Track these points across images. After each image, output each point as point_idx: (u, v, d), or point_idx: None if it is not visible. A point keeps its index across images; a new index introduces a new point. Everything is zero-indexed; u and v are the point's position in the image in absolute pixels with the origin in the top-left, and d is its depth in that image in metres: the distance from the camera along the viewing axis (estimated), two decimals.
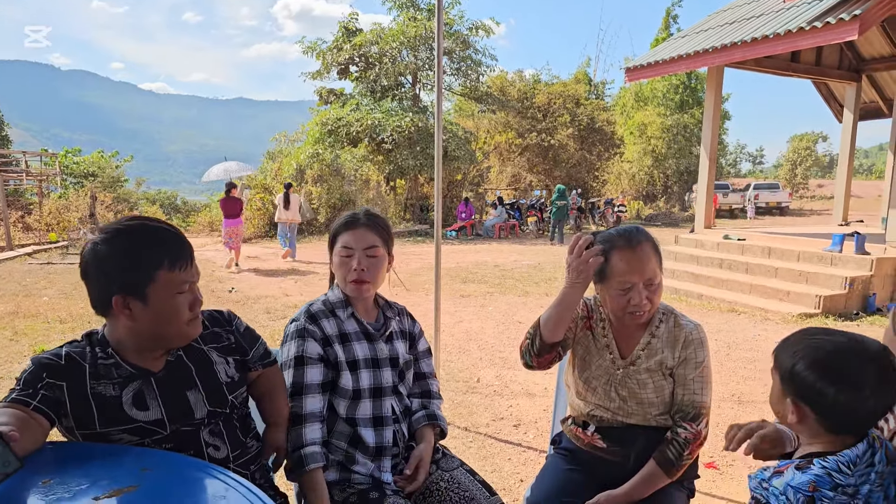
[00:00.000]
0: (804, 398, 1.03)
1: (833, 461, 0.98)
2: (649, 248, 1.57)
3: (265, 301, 7.26)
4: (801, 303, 6.70)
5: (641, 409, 1.63)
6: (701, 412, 1.59)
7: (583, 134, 24.77)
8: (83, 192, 17.61)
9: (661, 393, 1.62)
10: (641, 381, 1.63)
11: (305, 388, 1.55)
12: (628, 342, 1.68)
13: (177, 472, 1.16)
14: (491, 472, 2.91)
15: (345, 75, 20.06)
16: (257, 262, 11.28)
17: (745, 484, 2.82)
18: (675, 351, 1.62)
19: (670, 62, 9.44)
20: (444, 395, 4.02)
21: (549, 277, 9.30)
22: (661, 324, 1.66)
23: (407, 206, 19.85)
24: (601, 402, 1.68)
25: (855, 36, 6.89)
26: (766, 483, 1.00)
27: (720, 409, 3.81)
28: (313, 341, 1.60)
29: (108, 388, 1.25)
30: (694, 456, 1.60)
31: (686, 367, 1.61)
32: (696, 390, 1.60)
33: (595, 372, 1.69)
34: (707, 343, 1.65)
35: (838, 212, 11.47)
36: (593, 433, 1.70)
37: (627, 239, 1.58)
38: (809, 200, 35.86)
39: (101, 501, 1.01)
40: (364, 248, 1.64)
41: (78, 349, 1.28)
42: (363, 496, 1.52)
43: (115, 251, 1.22)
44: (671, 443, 1.57)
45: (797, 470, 0.99)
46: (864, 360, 0.97)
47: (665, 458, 1.56)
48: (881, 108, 12.01)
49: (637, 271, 1.55)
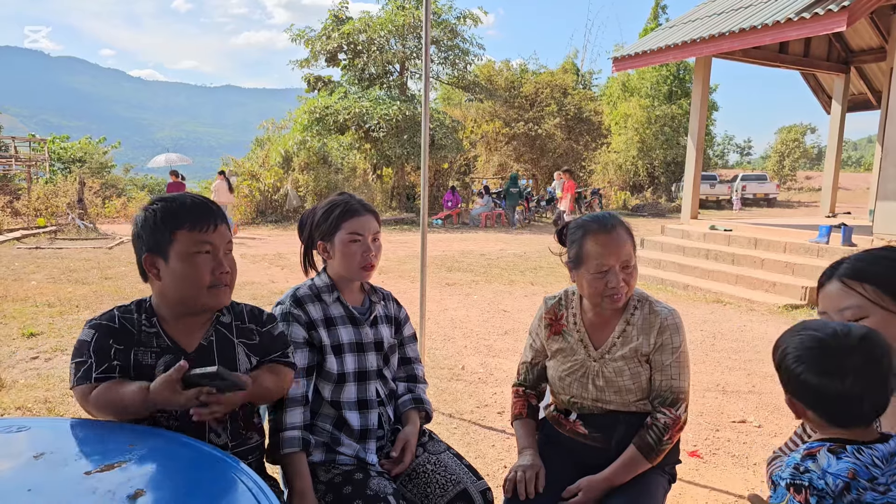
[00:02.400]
0: (795, 394, 1.05)
1: (868, 455, 0.98)
2: (623, 231, 1.60)
3: (252, 287, 7.22)
4: (787, 294, 6.78)
5: (619, 396, 1.65)
6: (679, 397, 1.61)
7: (570, 124, 24.78)
8: (71, 177, 17.43)
9: (638, 379, 1.63)
10: (617, 368, 1.64)
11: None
12: (602, 332, 1.69)
13: (166, 450, 1.17)
14: (475, 458, 2.93)
15: (333, 63, 19.88)
16: (244, 249, 11.20)
17: (727, 473, 2.86)
18: (650, 337, 1.63)
19: (658, 52, 9.43)
20: (429, 382, 4.02)
21: (535, 266, 9.33)
22: (636, 311, 1.66)
23: (393, 195, 19.79)
24: (579, 393, 1.70)
25: (843, 27, 6.90)
26: (802, 466, 0.98)
27: (704, 398, 3.85)
28: (298, 325, 1.61)
29: (147, 356, 1.33)
30: (674, 441, 1.61)
31: (662, 353, 1.62)
32: (674, 375, 1.61)
33: (571, 367, 1.70)
34: (683, 329, 1.66)
35: (826, 203, 11.57)
36: (575, 420, 1.72)
37: (601, 223, 1.60)
38: (797, 192, 36.22)
39: (92, 476, 1.02)
40: (372, 234, 1.67)
41: (127, 315, 1.37)
42: (348, 476, 1.53)
43: (146, 215, 1.36)
44: (651, 428, 1.59)
45: (830, 454, 0.98)
46: (845, 350, 0.98)
47: (645, 443, 1.58)
48: (870, 99, 12.07)
49: (613, 254, 1.56)
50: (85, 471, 1.04)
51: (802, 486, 0.97)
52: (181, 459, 1.15)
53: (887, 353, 0.99)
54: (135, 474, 1.04)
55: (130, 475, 1.04)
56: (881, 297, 1.07)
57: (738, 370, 4.44)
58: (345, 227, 1.65)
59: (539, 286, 7.67)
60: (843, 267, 1.14)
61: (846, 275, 1.12)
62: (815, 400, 1.02)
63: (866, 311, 1.09)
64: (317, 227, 1.70)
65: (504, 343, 5.04)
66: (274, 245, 11.97)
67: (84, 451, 1.14)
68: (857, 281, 1.10)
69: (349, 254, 1.65)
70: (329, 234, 1.67)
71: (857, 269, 1.12)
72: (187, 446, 1.20)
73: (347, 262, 1.66)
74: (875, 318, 1.08)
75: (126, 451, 1.12)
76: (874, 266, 1.11)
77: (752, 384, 4.12)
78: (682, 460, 1.78)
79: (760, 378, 4.21)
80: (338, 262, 1.68)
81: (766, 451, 3.06)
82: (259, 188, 16.98)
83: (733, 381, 4.18)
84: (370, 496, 1.46)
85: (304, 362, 1.59)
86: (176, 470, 1.11)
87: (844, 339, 0.99)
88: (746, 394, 3.94)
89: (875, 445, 0.99)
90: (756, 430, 3.39)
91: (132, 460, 1.09)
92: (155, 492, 1.00)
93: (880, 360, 0.98)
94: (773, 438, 3.25)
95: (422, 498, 1.61)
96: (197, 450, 1.19)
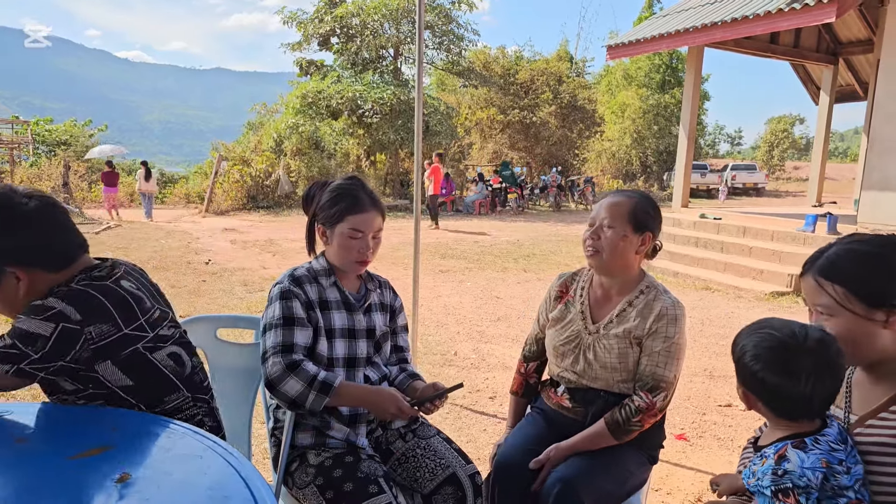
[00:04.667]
0: (748, 386, 1.11)
1: (825, 441, 1.03)
2: (627, 202, 1.68)
3: (242, 273, 7.19)
4: (773, 281, 6.85)
5: (605, 373, 1.69)
6: (660, 385, 1.62)
7: (564, 112, 24.70)
8: (56, 161, 17.16)
9: (625, 360, 1.66)
10: (608, 345, 1.68)
11: (295, 346, 1.55)
12: (603, 308, 1.75)
13: (149, 432, 1.16)
14: (466, 442, 2.95)
15: (325, 47, 19.65)
16: (235, 235, 11.14)
17: (713, 455, 2.91)
18: (646, 322, 1.66)
19: (651, 41, 9.42)
20: (421, 367, 4.06)
21: (528, 254, 9.35)
22: (642, 295, 1.70)
23: (387, 182, 19.69)
24: (569, 366, 1.75)
25: (833, 18, 6.97)
26: (780, 470, 1.02)
27: (692, 382, 3.90)
28: (298, 302, 1.59)
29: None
30: (645, 425, 1.63)
31: (654, 340, 1.64)
32: (660, 363, 1.63)
33: (567, 338, 1.76)
34: (682, 322, 1.67)
35: (812, 193, 11.70)
36: (562, 394, 1.77)
37: (619, 191, 1.78)
38: (785, 182, 36.43)
39: (75, 459, 1.02)
40: (373, 231, 1.66)
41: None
42: (339, 459, 1.54)
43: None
44: (623, 407, 1.63)
45: (797, 450, 1.03)
46: (801, 353, 1.03)
47: (613, 420, 1.63)
48: (857, 91, 12.20)
49: (603, 210, 1.70)
50: (68, 455, 1.03)
51: (788, 490, 1.00)
52: (165, 441, 1.15)
53: (839, 357, 1.04)
54: (120, 457, 1.04)
55: (115, 458, 1.04)
56: (849, 300, 1.07)
57: (724, 356, 4.49)
58: (348, 221, 1.63)
59: (532, 273, 7.70)
60: (820, 261, 1.13)
61: (820, 272, 1.11)
62: (768, 396, 1.08)
63: (834, 311, 1.09)
64: (321, 209, 1.68)
65: (497, 329, 5.07)
66: (265, 231, 11.91)
67: (67, 435, 1.13)
68: (828, 281, 1.10)
69: (346, 247, 1.64)
70: (331, 222, 1.65)
71: (831, 266, 1.10)
72: (170, 428, 1.20)
73: (343, 254, 1.65)
74: (841, 318, 1.08)
75: (109, 435, 1.11)
76: (848, 264, 1.09)
77: None
78: (670, 443, 1.81)
79: None
80: (334, 250, 1.67)
81: (750, 433, 3.10)
82: (250, 173, 16.83)
83: (720, 367, 4.23)
84: (361, 478, 1.47)
85: (306, 341, 1.58)
86: (160, 451, 1.11)
87: (802, 342, 1.04)
88: (732, 378, 3.95)
89: (825, 431, 1.06)
90: (741, 413, 3.44)
91: (116, 443, 1.08)
92: (140, 474, 1.00)
93: (832, 364, 1.04)
94: (757, 421, 3.28)
95: (411, 482, 1.62)
96: (181, 431, 1.19)
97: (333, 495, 1.46)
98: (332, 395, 1.50)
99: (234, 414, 1.85)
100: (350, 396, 1.55)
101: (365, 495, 1.44)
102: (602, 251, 1.66)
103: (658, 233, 1.72)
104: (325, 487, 1.49)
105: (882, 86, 7.35)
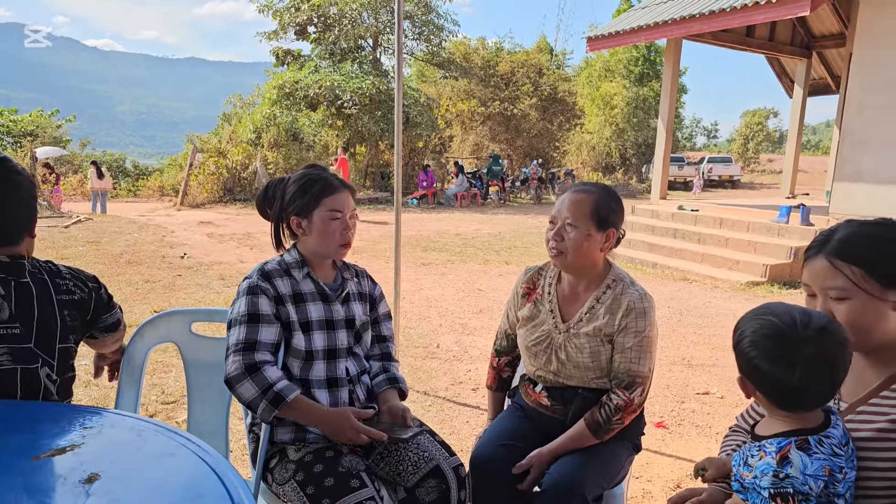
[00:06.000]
0: (745, 373, 1.06)
1: (828, 444, 1.00)
2: (588, 199, 1.64)
3: (219, 267, 7.06)
4: (749, 271, 6.97)
5: (579, 372, 1.68)
6: (636, 381, 1.61)
7: (544, 104, 24.76)
8: (22, 152, 16.62)
9: (598, 358, 1.65)
10: (579, 345, 1.66)
11: (258, 344, 1.52)
12: (572, 306, 1.72)
13: (119, 430, 1.12)
14: (449, 435, 2.94)
15: (302, 36, 19.36)
16: (211, 228, 10.95)
17: (692, 442, 2.94)
18: (615, 318, 1.63)
19: (631, 33, 9.49)
20: (404, 360, 4.04)
21: (510, 246, 9.36)
22: (609, 290, 1.67)
23: (367, 174, 19.54)
24: (543, 365, 1.73)
25: (807, 11, 7.12)
26: (782, 473, 0.98)
27: (671, 371, 3.95)
28: (265, 298, 1.56)
29: None
30: (625, 422, 1.62)
31: (625, 335, 1.62)
32: (633, 359, 1.61)
33: (538, 338, 1.74)
34: (651, 314, 1.64)
35: (786, 185, 11.95)
36: (540, 391, 1.76)
37: (578, 186, 1.71)
38: (760, 174, 37.07)
39: (41, 460, 0.97)
40: (349, 212, 1.64)
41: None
42: (319, 454, 1.51)
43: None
44: (602, 407, 1.62)
45: (801, 451, 0.99)
46: (800, 341, 0.98)
47: (594, 421, 1.62)
48: (829, 84, 12.47)
49: (564, 209, 1.65)
50: (33, 455, 0.98)
51: (788, 495, 0.97)
52: (136, 439, 1.11)
53: (841, 348, 0.99)
54: (88, 457, 1.00)
55: (83, 458, 0.99)
56: (867, 281, 1.04)
57: (702, 344, 4.56)
58: (325, 204, 1.60)
59: (514, 265, 7.71)
60: (834, 242, 1.09)
61: (835, 253, 1.07)
62: (764, 384, 1.04)
63: (850, 293, 1.05)
64: (291, 201, 1.64)
65: (479, 321, 5.06)
66: (243, 224, 11.72)
67: (33, 434, 1.08)
68: (845, 262, 1.06)
69: (328, 232, 1.61)
70: (306, 210, 1.61)
71: (847, 247, 1.07)
72: (142, 425, 1.16)
73: (326, 240, 1.62)
74: (857, 301, 1.05)
75: (78, 434, 1.06)
76: (864, 247, 1.07)
77: (715, 358, 4.24)
78: (650, 431, 1.82)
79: (723, 352, 4.33)
80: (315, 239, 1.63)
81: (728, 420, 3.15)
82: (227, 165, 16.54)
83: (698, 355, 4.29)
84: (342, 473, 1.44)
85: (273, 338, 1.55)
86: (131, 450, 1.07)
87: (802, 330, 0.99)
88: (710, 367, 4.05)
89: (829, 432, 1.01)
90: (719, 401, 3.49)
91: (85, 443, 1.04)
92: (110, 474, 0.96)
93: (833, 354, 0.99)
94: (734, 409, 3.35)
95: (394, 475, 1.60)
96: (153, 429, 1.14)
97: (314, 491, 1.43)
98: (282, 409, 1.47)
99: (210, 409, 1.81)
100: (305, 414, 1.51)
101: (346, 490, 1.41)
102: (566, 252, 1.63)
103: (621, 225, 1.69)
104: (305, 483, 1.45)
105: (854, 79, 7.50)
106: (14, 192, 1.39)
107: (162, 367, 3.66)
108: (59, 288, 1.44)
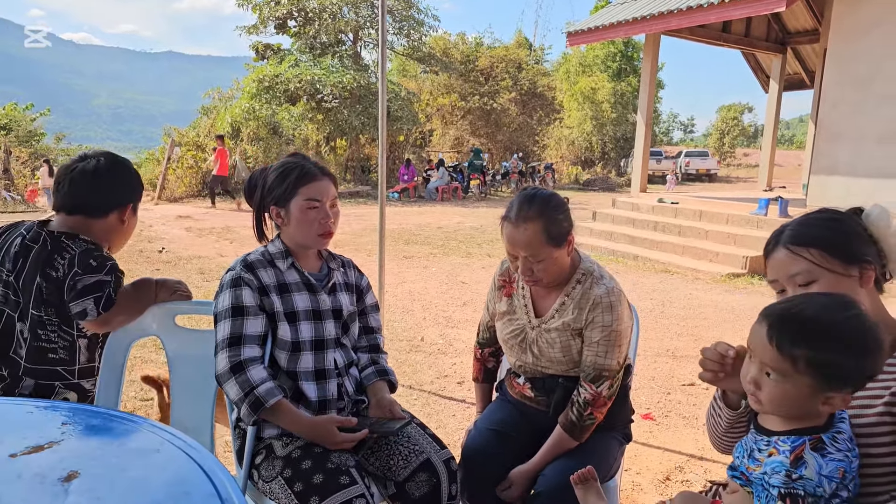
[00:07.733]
0: (827, 375, 0.95)
1: (843, 441, 0.98)
2: (536, 228, 1.54)
3: (199, 262, 6.94)
4: (729, 263, 7.06)
5: (553, 365, 1.68)
6: (602, 374, 1.60)
7: (524, 98, 24.82)
8: None
9: (569, 353, 1.65)
10: (550, 339, 1.66)
11: (244, 338, 1.49)
12: (545, 301, 1.71)
13: (100, 426, 1.07)
14: (436, 428, 2.90)
15: (283, 30, 19.12)
16: (190, 222, 10.76)
17: (679, 433, 2.96)
18: (583, 313, 1.62)
19: (610, 28, 9.55)
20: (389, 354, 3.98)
21: (491, 239, 9.36)
22: (578, 285, 1.65)
23: (348, 167, 19.38)
24: (519, 357, 1.75)
25: (783, 7, 7.25)
26: (795, 474, 0.95)
27: (656, 363, 3.97)
28: (249, 290, 1.52)
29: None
30: (598, 417, 1.61)
31: (593, 330, 1.61)
32: (600, 353, 1.60)
33: (513, 332, 1.74)
34: (618, 308, 1.61)
35: (763, 178, 12.14)
36: (524, 383, 1.76)
37: (517, 214, 1.58)
38: (736, 168, 37.64)
39: (18, 458, 0.92)
40: (330, 200, 1.60)
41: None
42: (307, 450, 1.47)
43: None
44: (573, 405, 1.61)
45: (815, 452, 0.96)
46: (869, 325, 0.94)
47: (568, 422, 1.61)
48: (804, 79, 12.70)
49: (519, 246, 1.57)
50: (10, 453, 0.94)
51: (798, 496, 0.95)
52: (118, 435, 1.06)
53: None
54: (67, 455, 0.95)
55: (62, 456, 0.94)
56: (827, 260, 1.08)
57: (685, 336, 4.60)
58: (302, 193, 1.56)
59: (496, 258, 7.71)
60: (787, 233, 1.14)
61: (790, 241, 1.12)
62: (852, 378, 0.95)
63: (815, 274, 1.08)
64: (269, 191, 1.60)
65: (463, 314, 5.04)
66: (222, 218, 11.54)
67: (10, 431, 1.03)
68: (801, 246, 1.10)
69: (306, 221, 1.56)
70: (284, 199, 1.57)
71: (800, 233, 1.12)
72: (124, 423, 1.11)
73: (304, 230, 1.58)
74: (825, 280, 1.08)
75: (58, 431, 1.02)
76: (816, 229, 1.12)
77: (699, 348, 4.27)
78: (637, 423, 1.82)
79: (706, 343, 4.35)
80: (293, 229, 1.59)
81: None
82: (205, 159, 16.25)
83: (682, 347, 4.33)
84: (331, 469, 1.40)
85: (259, 330, 1.52)
86: (113, 446, 1.02)
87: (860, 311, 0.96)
88: (694, 358, 4.05)
89: (840, 427, 1.00)
90: (704, 392, 3.52)
91: (64, 440, 0.99)
92: (91, 471, 0.91)
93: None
94: None
95: (384, 470, 1.57)
96: (136, 424, 1.10)
97: (303, 488, 1.39)
98: (261, 413, 1.44)
99: (195, 404, 1.76)
100: (287, 421, 1.49)
101: (336, 487, 1.37)
102: (542, 278, 1.61)
103: (573, 224, 1.64)
104: (293, 480, 1.41)
105: (829, 74, 7.64)
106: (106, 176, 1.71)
107: (140, 362, 3.57)
108: (51, 262, 1.57)
